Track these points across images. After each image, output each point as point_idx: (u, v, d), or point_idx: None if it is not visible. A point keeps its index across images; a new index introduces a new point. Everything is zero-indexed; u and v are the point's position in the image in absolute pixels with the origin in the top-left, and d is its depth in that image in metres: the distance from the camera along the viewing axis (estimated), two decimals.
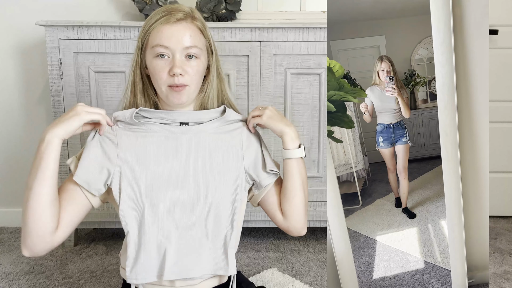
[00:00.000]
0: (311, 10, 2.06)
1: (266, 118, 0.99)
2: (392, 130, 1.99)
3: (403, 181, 2.01)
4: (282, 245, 1.86)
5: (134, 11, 1.96)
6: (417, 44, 2.69)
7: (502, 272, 1.60)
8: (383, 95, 1.94)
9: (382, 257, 1.66)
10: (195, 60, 0.94)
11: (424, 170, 2.60)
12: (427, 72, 2.74)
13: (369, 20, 2.48)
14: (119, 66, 1.66)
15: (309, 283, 1.52)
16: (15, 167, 2.04)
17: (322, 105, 1.72)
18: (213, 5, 1.84)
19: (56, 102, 1.68)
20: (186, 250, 0.95)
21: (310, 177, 1.76)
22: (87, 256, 1.73)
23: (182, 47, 0.92)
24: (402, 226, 1.92)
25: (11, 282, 1.53)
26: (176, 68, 0.91)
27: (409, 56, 2.72)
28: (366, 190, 2.43)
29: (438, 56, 1.22)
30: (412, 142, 2.07)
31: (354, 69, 2.35)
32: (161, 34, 0.91)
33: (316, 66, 1.68)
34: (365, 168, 2.58)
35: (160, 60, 0.92)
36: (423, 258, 1.62)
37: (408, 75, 2.68)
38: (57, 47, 1.64)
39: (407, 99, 2.01)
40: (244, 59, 1.67)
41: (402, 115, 1.97)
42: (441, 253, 1.63)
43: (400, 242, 1.78)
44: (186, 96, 0.95)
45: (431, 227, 1.86)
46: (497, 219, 2.15)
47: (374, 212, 2.10)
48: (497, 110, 2.10)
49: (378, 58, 1.98)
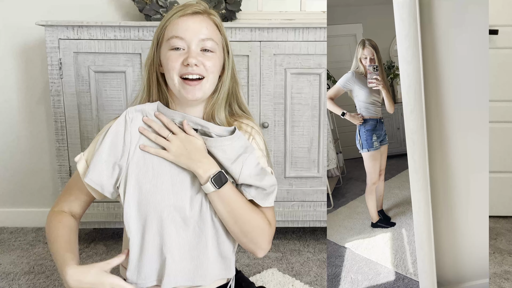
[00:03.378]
0: (311, 10, 2.06)
1: (173, 157, 0.91)
2: (383, 126, 1.72)
3: (381, 183, 1.81)
4: (282, 245, 1.86)
5: (134, 11, 1.96)
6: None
7: (502, 272, 1.60)
8: (365, 88, 1.69)
9: (350, 268, 1.53)
10: (211, 54, 0.91)
11: (403, 167, 2.38)
12: None
13: (345, 6, 2.28)
14: (119, 66, 1.65)
15: (309, 283, 1.52)
16: (15, 167, 2.04)
17: (322, 105, 1.72)
18: (213, 5, 1.84)
19: (56, 102, 1.68)
20: (188, 257, 0.93)
21: (310, 177, 1.77)
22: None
23: (198, 39, 0.89)
24: (375, 231, 1.78)
25: (11, 282, 1.53)
26: (191, 58, 0.88)
27: (388, 47, 2.50)
28: (340, 190, 2.23)
29: (403, 51, 1.03)
30: (391, 139, 1.81)
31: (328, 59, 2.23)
32: (177, 26, 0.89)
33: (316, 66, 1.68)
34: (339, 166, 2.38)
35: (174, 51, 0.90)
36: (394, 268, 1.50)
37: (386, 67, 2.50)
38: (57, 47, 1.64)
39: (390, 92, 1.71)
40: (244, 59, 1.67)
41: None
42: (414, 263, 1.51)
43: (370, 250, 1.64)
44: (202, 92, 0.91)
45: (405, 232, 1.74)
46: (497, 219, 2.15)
47: (346, 215, 1.93)
48: (497, 110, 2.10)
49: (360, 42, 1.67)
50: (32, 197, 2.06)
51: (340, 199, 2.12)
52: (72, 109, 1.68)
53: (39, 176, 2.05)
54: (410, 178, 1.14)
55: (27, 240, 1.90)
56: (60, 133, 1.70)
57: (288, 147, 1.74)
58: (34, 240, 1.90)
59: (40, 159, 2.03)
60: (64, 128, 1.69)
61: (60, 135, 1.70)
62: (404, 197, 2.03)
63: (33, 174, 2.04)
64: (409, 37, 1.01)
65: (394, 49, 2.55)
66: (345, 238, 1.75)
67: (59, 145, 1.70)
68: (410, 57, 1.02)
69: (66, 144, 1.70)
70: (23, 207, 2.07)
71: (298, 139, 1.74)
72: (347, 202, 2.08)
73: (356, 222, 1.89)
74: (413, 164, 1.11)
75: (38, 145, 2.02)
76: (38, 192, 2.06)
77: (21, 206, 2.07)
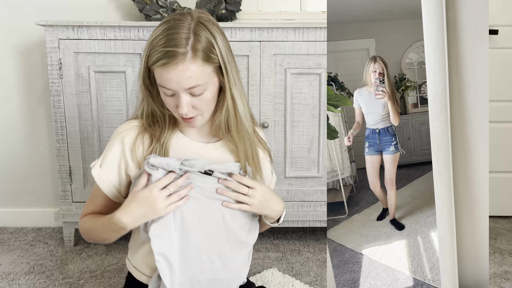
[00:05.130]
0: (311, 10, 2.06)
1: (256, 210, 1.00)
2: (378, 136, 1.84)
3: (390, 192, 1.87)
4: (282, 245, 1.86)
5: (134, 11, 1.96)
6: (408, 48, 2.65)
7: (502, 272, 1.60)
8: (371, 99, 1.81)
9: (368, 274, 1.55)
10: (201, 95, 0.90)
11: (414, 177, 2.49)
12: (417, 77, 2.68)
13: (359, 22, 2.42)
14: (119, 66, 1.65)
15: (309, 283, 1.52)
16: (15, 167, 2.04)
17: (322, 105, 1.72)
18: (213, 5, 1.84)
19: (56, 102, 1.68)
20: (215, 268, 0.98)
21: (310, 177, 1.77)
22: (87, 256, 1.73)
23: (183, 89, 0.88)
24: (390, 238, 1.80)
25: (11, 282, 1.53)
26: (181, 109, 0.89)
27: (399, 60, 2.66)
28: (353, 199, 2.29)
29: (431, 63, 1.13)
30: (401, 148, 1.91)
31: (342, 72, 2.28)
32: (161, 78, 0.88)
33: (316, 66, 1.68)
34: (352, 175, 2.45)
35: (167, 96, 0.91)
36: (412, 274, 1.52)
37: (398, 79, 2.63)
38: (57, 47, 1.64)
39: (398, 104, 1.85)
40: (244, 59, 1.67)
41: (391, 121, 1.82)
42: (431, 269, 1.53)
43: (387, 256, 1.66)
44: (200, 122, 0.95)
45: (421, 239, 1.75)
46: (497, 219, 2.15)
47: (361, 222, 1.97)
48: (497, 110, 2.10)
49: (370, 58, 1.82)
50: (32, 197, 2.06)
51: (354, 207, 2.17)
52: (72, 109, 1.68)
53: (39, 176, 2.05)
54: (435, 181, 1.20)
55: (27, 240, 1.90)
56: (60, 133, 1.70)
57: (288, 147, 1.74)
58: (34, 240, 1.90)
59: (40, 159, 2.03)
60: (64, 128, 1.69)
61: (60, 135, 1.70)
62: (417, 205, 2.07)
63: (33, 174, 2.04)
64: (437, 50, 1.10)
65: (405, 62, 2.67)
66: (361, 245, 1.77)
67: (59, 145, 1.70)
68: (437, 68, 1.11)
69: (66, 144, 1.70)
70: (23, 207, 2.07)
71: (298, 139, 1.74)
72: (361, 210, 2.12)
73: (371, 229, 1.90)
74: (437, 168, 1.18)
75: (38, 145, 2.02)
76: (38, 192, 2.06)
77: (21, 206, 2.07)
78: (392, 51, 2.59)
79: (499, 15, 2.04)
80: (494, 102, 2.09)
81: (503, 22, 2.05)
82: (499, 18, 2.04)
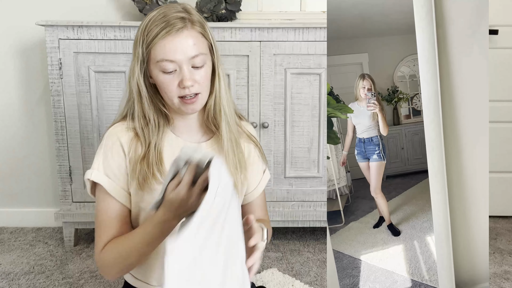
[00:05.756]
0: (311, 10, 2.06)
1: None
2: (363, 145, 2.01)
3: (377, 200, 1.98)
4: (282, 245, 1.86)
5: (134, 11, 1.96)
6: (400, 62, 2.74)
7: (502, 272, 1.60)
8: (359, 111, 1.98)
9: (367, 278, 1.59)
10: (202, 68, 0.91)
11: (408, 185, 2.57)
12: (409, 89, 2.79)
13: (352, 38, 2.54)
14: (119, 66, 1.65)
15: (309, 283, 1.52)
16: (15, 167, 2.04)
17: (322, 105, 1.72)
18: (213, 5, 1.84)
19: (56, 102, 1.68)
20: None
21: (310, 177, 1.77)
22: (87, 256, 1.73)
23: (188, 58, 0.88)
24: (387, 244, 1.85)
25: (11, 282, 1.53)
26: (186, 81, 0.88)
27: (392, 73, 2.79)
28: (349, 208, 2.36)
29: (424, 74, 1.24)
30: (395, 158, 2.02)
31: (336, 85, 2.37)
32: (164, 49, 0.88)
33: (316, 66, 1.68)
34: (348, 185, 2.53)
35: (167, 75, 0.90)
36: (410, 276, 1.56)
37: (391, 91, 2.75)
38: (57, 47, 1.64)
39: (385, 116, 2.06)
40: (244, 59, 1.67)
41: (376, 132, 1.98)
42: (428, 270, 1.57)
43: (385, 261, 1.70)
44: (200, 104, 0.94)
45: (417, 243, 1.80)
46: (497, 219, 2.15)
47: (357, 230, 2.04)
48: (497, 110, 2.10)
49: (359, 75, 2.00)
50: (32, 197, 2.06)
51: (350, 216, 2.23)
52: (72, 109, 1.68)
53: (39, 176, 2.05)
54: (430, 182, 1.26)
55: (27, 240, 1.90)
56: (60, 133, 1.70)
57: (288, 147, 1.74)
58: (34, 240, 1.90)
59: (40, 159, 2.03)
60: (64, 128, 1.69)
61: (60, 135, 1.70)
62: (412, 212, 2.14)
63: (33, 174, 2.04)
64: (429, 62, 1.23)
65: (397, 75, 2.78)
66: (359, 251, 1.80)
67: (59, 145, 1.70)
68: (430, 78, 1.24)
69: (66, 144, 1.70)
70: (23, 207, 2.07)
71: (298, 139, 1.74)
72: (357, 218, 2.18)
73: (368, 236, 1.95)
74: (432, 168, 1.25)
75: (38, 145, 2.02)
76: (38, 192, 2.06)
77: (21, 206, 2.07)
78: (385, 65, 2.71)
79: (499, 15, 2.04)
80: (494, 102, 2.09)
81: (503, 22, 2.05)
82: (499, 18, 2.04)
